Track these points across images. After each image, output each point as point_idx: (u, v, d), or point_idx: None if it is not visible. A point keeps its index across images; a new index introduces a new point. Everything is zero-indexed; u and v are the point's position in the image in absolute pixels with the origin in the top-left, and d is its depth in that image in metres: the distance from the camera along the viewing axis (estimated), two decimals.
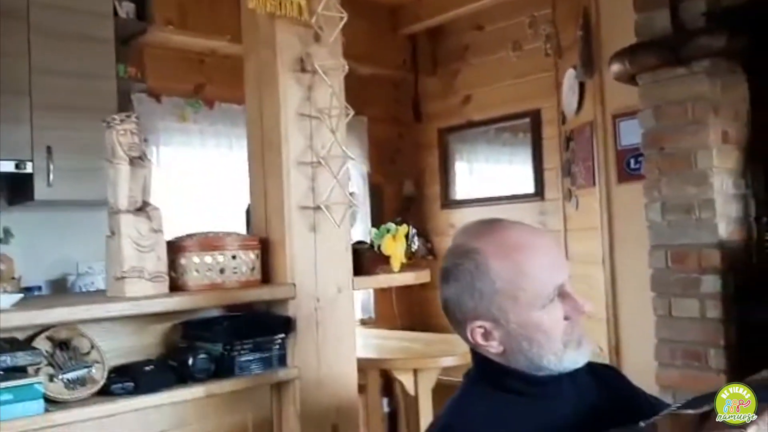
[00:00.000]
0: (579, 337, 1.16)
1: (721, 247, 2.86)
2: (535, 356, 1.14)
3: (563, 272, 1.16)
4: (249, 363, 1.70)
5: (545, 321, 1.12)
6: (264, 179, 1.81)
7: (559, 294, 1.13)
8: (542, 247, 1.17)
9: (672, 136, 2.99)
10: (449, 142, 4.88)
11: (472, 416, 1.17)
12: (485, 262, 1.14)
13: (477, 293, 1.14)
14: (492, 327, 1.15)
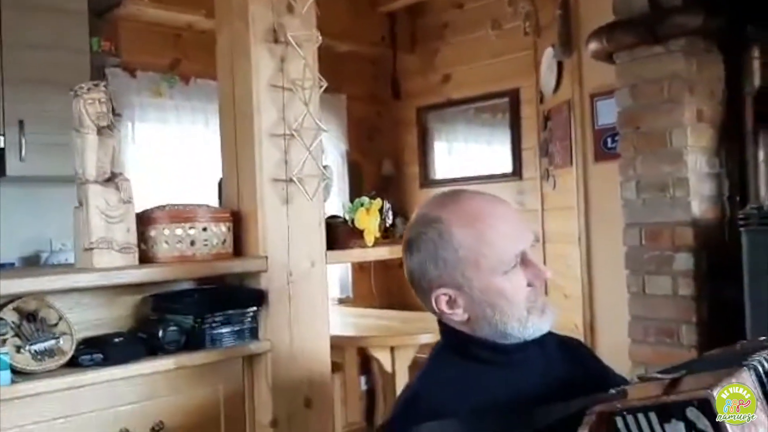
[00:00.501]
0: (542, 305, 1.17)
1: (694, 226, 2.89)
2: (499, 323, 1.15)
3: (525, 240, 1.17)
4: (220, 335, 1.70)
5: (508, 287, 1.14)
6: (236, 151, 1.79)
7: (521, 261, 1.15)
8: (504, 215, 1.18)
9: (648, 115, 3.00)
10: (428, 121, 4.86)
11: (439, 385, 1.18)
12: (448, 231, 1.15)
13: (441, 261, 1.15)
14: (456, 294, 1.16)
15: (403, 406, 1.19)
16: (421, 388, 1.20)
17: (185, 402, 1.66)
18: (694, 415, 0.95)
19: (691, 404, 0.95)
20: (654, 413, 0.96)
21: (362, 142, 4.83)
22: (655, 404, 0.97)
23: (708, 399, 0.94)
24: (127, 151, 3.59)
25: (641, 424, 0.96)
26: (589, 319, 3.69)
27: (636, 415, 0.97)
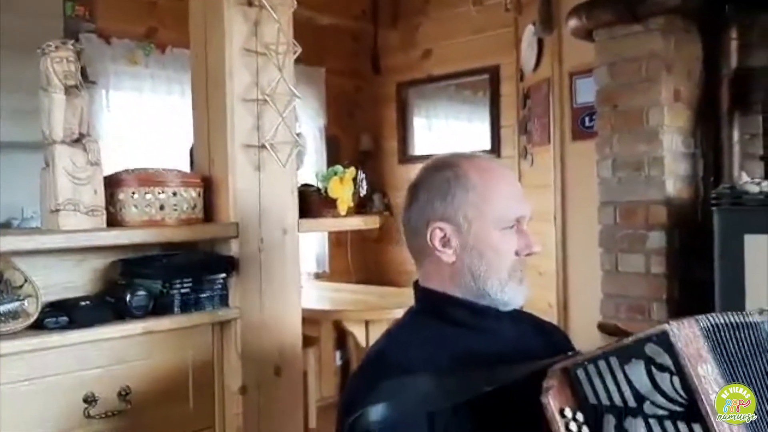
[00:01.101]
0: (522, 278, 1.22)
1: (668, 204, 2.92)
2: (482, 275, 1.19)
3: (526, 209, 1.23)
4: (189, 301, 1.68)
5: (501, 244, 1.19)
6: (207, 116, 1.77)
7: (517, 227, 1.21)
8: (513, 179, 1.27)
9: (625, 93, 3.01)
10: (408, 97, 4.84)
11: (408, 344, 1.19)
12: (465, 173, 1.21)
13: (449, 197, 1.20)
14: (452, 232, 1.20)
15: (371, 361, 1.20)
16: (389, 346, 1.22)
17: (153, 367, 1.65)
18: (652, 350, 0.99)
19: (649, 340, 0.99)
20: (614, 357, 0.99)
21: (341, 116, 4.80)
22: (614, 349, 1.01)
23: (666, 331, 0.98)
24: (102, 119, 3.54)
25: (602, 371, 0.99)
26: (563, 297, 3.72)
27: (597, 363, 1.00)
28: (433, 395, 1.07)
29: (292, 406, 1.88)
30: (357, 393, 1.12)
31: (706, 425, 0.95)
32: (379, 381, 1.10)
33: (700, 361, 0.99)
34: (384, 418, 1.05)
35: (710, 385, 0.98)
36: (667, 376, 0.97)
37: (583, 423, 0.98)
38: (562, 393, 0.99)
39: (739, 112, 2.96)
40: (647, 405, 0.97)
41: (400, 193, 4.89)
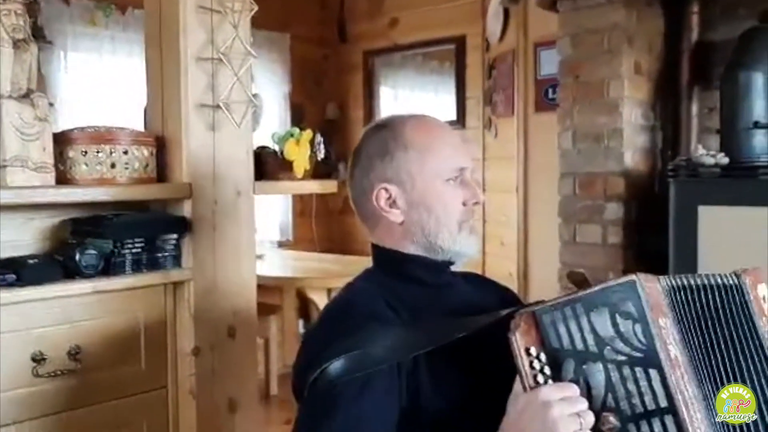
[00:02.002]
0: (472, 227, 1.23)
1: (625, 176, 2.96)
2: (432, 230, 1.20)
3: (468, 160, 1.24)
4: (140, 262, 1.67)
5: (446, 195, 1.20)
6: (161, 74, 1.74)
7: (461, 179, 1.22)
8: (450, 132, 1.28)
9: (587, 65, 3.03)
10: (375, 66, 4.81)
11: (370, 295, 1.19)
12: (402, 131, 1.22)
13: (388, 156, 1.21)
14: (397, 192, 1.20)
15: (336, 311, 1.19)
16: (353, 297, 1.21)
17: (104, 327, 1.64)
18: (618, 298, 1.01)
19: (617, 289, 1.01)
20: (580, 304, 1.01)
21: (306, 84, 4.76)
22: (581, 296, 1.02)
23: (633, 281, 1.01)
24: (59, 81, 3.46)
25: (567, 316, 1.01)
26: (523, 267, 3.76)
27: (563, 309, 1.01)
28: (400, 346, 1.07)
29: (247, 368, 1.88)
30: (320, 347, 1.08)
31: (663, 371, 0.98)
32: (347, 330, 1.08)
33: (661, 314, 1.02)
34: (350, 370, 1.03)
35: (668, 336, 1.01)
36: (630, 323, 1.00)
37: (546, 364, 1.01)
38: (528, 334, 1.01)
39: (698, 87, 3.00)
40: (607, 350, 1.00)
41: None
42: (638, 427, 0.98)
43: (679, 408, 0.97)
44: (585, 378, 1.00)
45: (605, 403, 0.99)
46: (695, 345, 1.05)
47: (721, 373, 1.06)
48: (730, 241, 2.55)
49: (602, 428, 0.99)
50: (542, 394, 0.97)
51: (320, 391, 1.04)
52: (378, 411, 1.04)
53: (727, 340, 1.08)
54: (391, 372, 1.06)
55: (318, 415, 1.04)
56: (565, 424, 0.95)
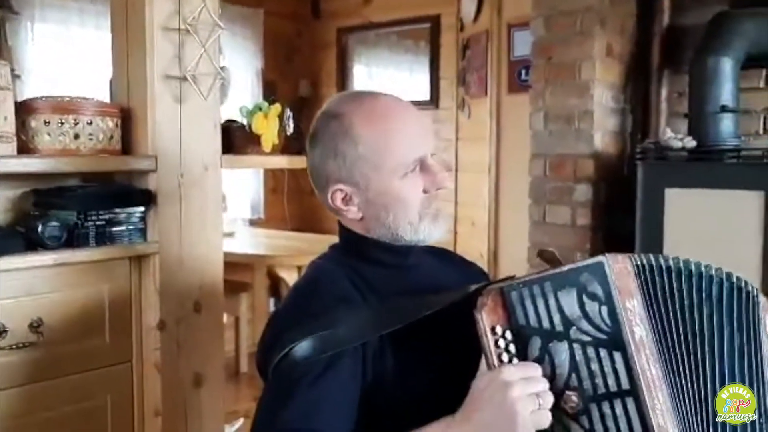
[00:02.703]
0: (436, 211, 1.18)
1: (595, 158, 2.98)
2: (391, 225, 1.16)
3: (427, 145, 1.17)
4: (104, 234, 1.65)
5: (404, 191, 1.15)
6: (127, 45, 1.71)
7: (421, 167, 1.15)
8: (409, 118, 1.17)
9: (559, 47, 3.04)
10: (348, 43, 4.78)
11: (336, 275, 1.17)
12: (351, 126, 1.14)
13: (340, 156, 1.15)
14: (352, 192, 1.16)
15: (303, 291, 1.18)
16: (321, 276, 1.19)
17: (67, 300, 1.62)
18: (586, 279, 1.01)
19: (585, 270, 1.02)
20: (549, 282, 1.02)
21: (279, 60, 4.71)
22: (550, 275, 1.03)
23: (602, 262, 1.01)
24: (26, 52, 3.39)
25: (535, 294, 1.02)
26: (494, 248, 3.79)
27: (531, 287, 1.02)
28: (365, 326, 1.06)
29: (213, 343, 1.87)
30: (285, 327, 1.08)
31: (627, 354, 0.99)
32: (313, 311, 1.08)
33: (629, 295, 1.02)
34: (315, 351, 1.02)
35: (635, 318, 1.02)
36: (596, 304, 1.00)
37: (511, 341, 1.01)
38: (494, 312, 1.02)
39: (668, 70, 3.01)
40: (573, 330, 1.00)
41: None
42: (600, 407, 1.00)
43: (640, 391, 0.99)
44: (550, 357, 1.01)
45: (568, 382, 1.01)
46: (664, 326, 1.05)
47: (690, 357, 1.07)
48: (695, 224, 2.59)
49: (564, 407, 1.00)
50: (504, 374, 0.97)
51: (284, 372, 1.04)
52: (340, 393, 1.03)
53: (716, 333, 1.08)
54: (355, 353, 1.05)
55: (281, 395, 1.03)
56: (524, 403, 0.95)
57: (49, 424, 1.59)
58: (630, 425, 0.99)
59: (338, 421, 1.01)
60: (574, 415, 1.00)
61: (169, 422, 1.78)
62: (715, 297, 1.09)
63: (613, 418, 1.00)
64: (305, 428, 0.98)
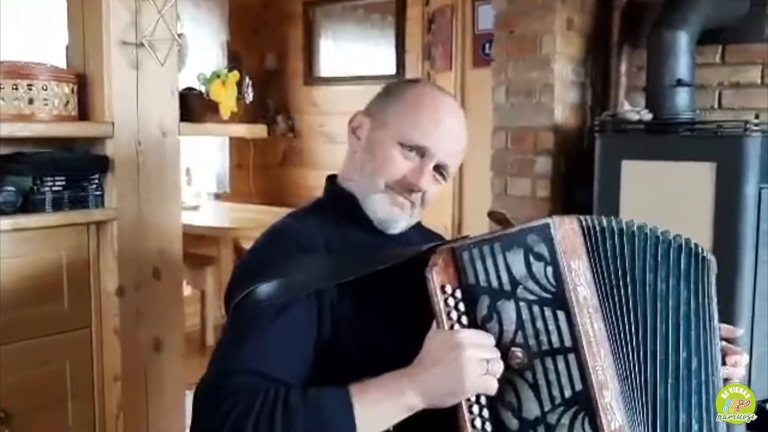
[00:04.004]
0: (401, 203, 1.22)
1: (555, 131, 3.02)
2: (366, 174, 1.22)
3: (440, 149, 1.21)
4: (62, 200, 1.66)
5: (391, 154, 1.20)
6: (82, 11, 1.70)
7: (421, 159, 1.20)
8: (443, 115, 1.23)
9: (521, 20, 3.06)
10: (315, 17, 4.76)
11: (306, 225, 1.21)
12: (413, 89, 1.25)
13: (385, 99, 1.26)
14: (366, 125, 1.25)
15: (269, 237, 1.21)
16: (287, 225, 1.23)
17: (24, 266, 1.63)
18: (533, 240, 1.05)
19: (531, 231, 1.05)
20: (498, 243, 1.05)
21: (245, 33, 4.68)
22: (500, 235, 1.06)
23: (548, 224, 1.05)
24: None
25: (485, 255, 1.05)
26: (458, 220, 3.84)
27: (481, 247, 1.05)
28: (323, 274, 1.10)
29: (172, 309, 1.89)
30: (251, 269, 1.12)
31: (569, 313, 1.04)
32: (273, 258, 1.11)
33: (574, 256, 1.06)
34: (272, 295, 1.06)
35: (579, 278, 1.06)
36: (542, 265, 1.04)
37: (461, 300, 1.04)
38: (445, 271, 1.04)
39: (627, 45, 3.06)
40: (520, 289, 1.04)
41: (305, 115, 4.87)
42: (543, 363, 1.04)
43: (581, 348, 1.03)
44: (498, 315, 1.05)
45: (515, 339, 1.04)
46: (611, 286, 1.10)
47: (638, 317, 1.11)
48: (650, 194, 2.65)
49: (511, 363, 1.04)
50: (459, 335, 1.01)
51: (239, 314, 1.09)
52: (291, 336, 1.07)
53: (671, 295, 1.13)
54: (309, 300, 1.09)
55: (235, 336, 1.07)
56: (472, 366, 0.99)
57: (9, 389, 1.60)
58: (571, 380, 1.04)
59: (288, 363, 1.04)
60: (520, 370, 1.04)
61: (129, 387, 1.80)
62: (672, 260, 1.14)
63: (556, 373, 1.04)
64: (253, 368, 1.01)
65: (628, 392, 1.09)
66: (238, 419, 0.95)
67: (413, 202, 1.23)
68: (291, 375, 1.03)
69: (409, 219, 1.25)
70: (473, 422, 1.03)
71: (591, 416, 1.03)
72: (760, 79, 2.83)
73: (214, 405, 0.98)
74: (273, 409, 0.96)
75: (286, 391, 0.98)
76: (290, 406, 0.96)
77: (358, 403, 0.98)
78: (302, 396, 0.98)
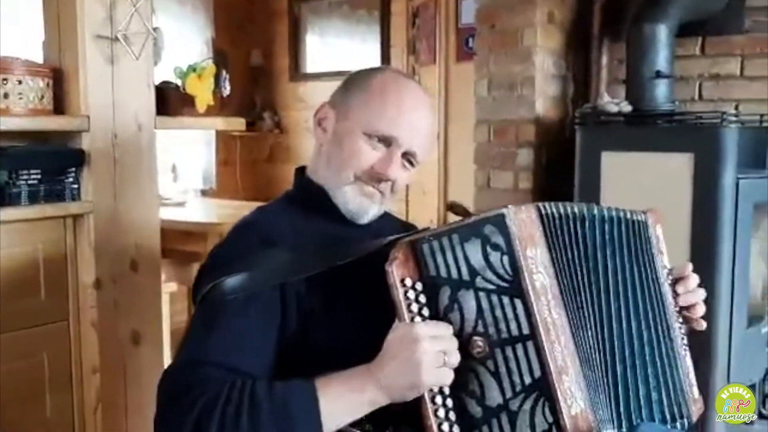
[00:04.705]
0: (370, 193, 1.23)
1: (536, 123, 3.04)
2: (333, 167, 1.23)
3: (407, 138, 1.21)
4: (38, 193, 1.67)
5: (357, 145, 1.21)
6: (57, 6, 1.71)
7: (388, 148, 1.21)
8: (414, 109, 1.23)
9: (503, 14, 3.08)
10: (301, 12, 4.76)
11: (274, 220, 1.23)
12: (376, 78, 1.24)
13: (349, 90, 1.25)
14: (332, 117, 1.25)
15: (237, 231, 1.23)
16: (256, 217, 1.25)
17: (0, 259, 1.64)
18: (489, 230, 1.06)
19: (488, 221, 1.07)
20: (456, 234, 1.06)
21: (231, 29, 4.68)
22: (458, 227, 1.07)
23: (503, 214, 1.07)
24: None
25: (444, 246, 1.06)
26: (443, 215, 3.85)
27: (440, 239, 1.06)
28: (288, 268, 1.11)
29: (151, 301, 1.91)
30: (218, 262, 1.14)
31: (526, 301, 1.06)
32: (241, 251, 1.13)
33: (531, 244, 1.08)
34: (236, 288, 1.08)
35: (536, 266, 1.08)
36: (498, 254, 1.06)
37: (421, 292, 1.05)
38: (405, 264, 1.05)
39: (608, 38, 3.08)
40: (479, 280, 1.05)
41: (291, 112, 4.88)
42: (503, 351, 1.05)
43: (539, 335, 1.05)
44: (459, 305, 1.06)
45: (476, 328, 1.06)
46: (570, 271, 1.12)
47: (606, 299, 1.14)
48: (630, 185, 2.66)
49: (472, 352, 1.05)
50: (415, 329, 1.02)
51: (207, 306, 1.10)
52: (256, 327, 1.08)
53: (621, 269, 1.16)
54: (272, 295, 1.10)
55: (196, 329, 1.09)
56: (429, 358, 1.00)
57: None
58: (530, 367, 1.05)
59: (252, 355, 1.06)
60: (482, 359, 1.06)
61: (108, 379, 1.81)
62: (616, 237, 1.17)
63: (516, 360, 1.06)
64: (218, 360, 1.02)
65: (590, 375, 1.11)
66: (204, 410, 0.96)
67: (382, 192, 1.23)
68: (256, 367, 1.05)
69: (380, 207, 1.26)
70: (436, 412, 1.04)
71: (551, 402, 1.05)
72: (740, 71, 2.86)
73: (180, 396, 0.99)
74: (239, 402, 0.97)
75: (253, 383, 0.99)
76: (256, 398, 0.98)
77: (322, 396, 1.00)
78: (268, 389, 0.99)
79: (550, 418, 1.05)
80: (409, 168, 1.25)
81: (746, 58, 2.84)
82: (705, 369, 2.41)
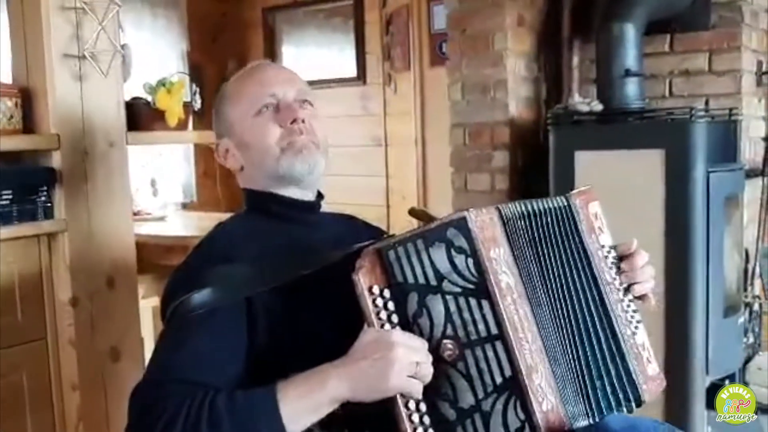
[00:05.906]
0: (300, 146, 1.27)
1: (511, 126, 3.07)
2: (258, 162, 1.27)
3: (284, 90, 1.28)
4: (10, 213, 1.67)
5: (257, 126, 1.27)
6: (23, 24, 1.72)
7: (276, 107, 1.27)
8: (269, 69, 1.34)
9: (473, 18, 3.11)
10: (275, 23, 4.77)
11: (234, 235, 1.26)
12: (225, 86, 1.35)
13: (218, 113, 1.34)
14: (228, 143, 1.31)
15: (199, 249, 1.25)
16: (217, 236, 1.28)
17: None
18: (452, 234, 1.08)
19: (450, 225, 1.09)
20: (421, 240, 1.07)
21: (205, 41, 4.67)
22: (422, 232, 1.09)
23: (464, 217, 1.09)
24: None
25: (409, 252, 1.07)
26: None
27: (406, 246, 1.07)
28: (253, 281, 1.13)
29: (128, 318, 1.90)
30: (180, 281, 1.17)
31: (492, 302, 1.08)
32: (202, 269, 1.15)
33: (494, 245, 1.10)
34: (202, 303, 1.10)
35: (500, 266, 1.10)
36: (463, 257, 1.08)
37: (389, 299, 1.06)
38: (372, 272, 1.06)
39: (578, 39, 3.12)
40: (446, 283, 1.07)
41: None
42: (474, 352, 1.07)
43: (506, 334, 1.07)
44: (427, 310, 1.07)
45: (445, 332, 1.07)
46: (531, 270, 1.14)
47: (555, 293, 1.17)
48: (604, 183, 2.65)
49: (443, 355, 1.07)
50: (393, 335, 1.03)
51: (172, 323, 1.13)
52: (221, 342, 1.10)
53: (557, 260, 1.19)
54: (235, 308, 1.12)
55: (168, 344, 1.12)
56: (401, 365, 1.01)
57: None
58: (500, 366, 1.08)
59: (217, 369, 1.07)
60: (453, 362, 1.07)
61: (88, 396, 1.81)
62: (558, 227, 1.20)
63: (486, 361, 1.08)
64: (182, 376, 1.04)
65: (558, 370, 1.13)
66: (166, 427, 0.97)
67: (303, 131, 1.27)
68: (221, 380, 1.06)
69: (321, 158, 1.29)
70: (410, 417, 1.05)
71: (522, 400, 1.07)
72: (707, 66, 2.90)
73: (143, 414, 1.01)
74: (198, 418, 0.98)
75: (213, 396, 1.00)
76: (216, 412, 0.99)
77: (282, 399, 1.01)
78: (228, 399, 1.00)
79: (522, 415, 1.07)
80: (309, 107, 1.31)
81: (714, 53, 2.89)
82: (683, 360, 2.44)
